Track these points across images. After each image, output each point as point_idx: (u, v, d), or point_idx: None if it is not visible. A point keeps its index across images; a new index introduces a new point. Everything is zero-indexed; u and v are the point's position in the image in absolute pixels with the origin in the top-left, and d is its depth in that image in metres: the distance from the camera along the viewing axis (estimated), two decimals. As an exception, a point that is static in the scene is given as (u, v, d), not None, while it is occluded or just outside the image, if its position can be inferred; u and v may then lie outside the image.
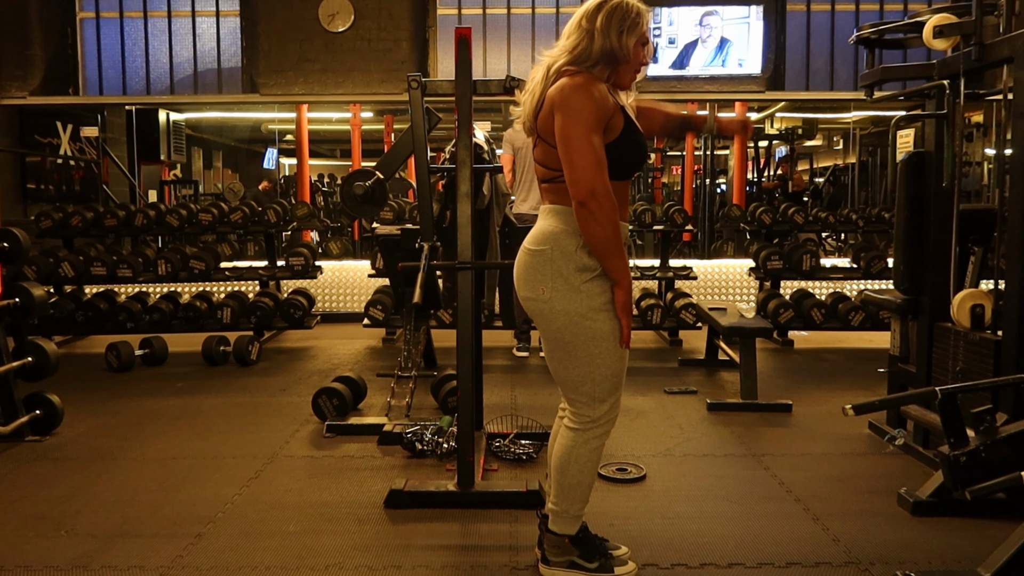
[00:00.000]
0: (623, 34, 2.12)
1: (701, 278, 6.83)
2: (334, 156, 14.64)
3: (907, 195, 3.55)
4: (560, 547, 2.30)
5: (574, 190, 2.06)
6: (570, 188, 2.07)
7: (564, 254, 2.14)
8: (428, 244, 3.20)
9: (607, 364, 2.17)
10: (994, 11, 3.09)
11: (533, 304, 2.19)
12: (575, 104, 2.06)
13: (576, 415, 2.24)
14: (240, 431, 3.86)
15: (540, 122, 2.15)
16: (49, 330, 5.66)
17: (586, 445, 2.23)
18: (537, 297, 2.17)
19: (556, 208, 2.19)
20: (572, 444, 2.24)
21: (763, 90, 7.49)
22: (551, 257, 2.14)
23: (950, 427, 2.32)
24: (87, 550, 2.55)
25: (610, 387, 2.20)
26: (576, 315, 2.13)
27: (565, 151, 2.07)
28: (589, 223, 2.06)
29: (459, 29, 2.97)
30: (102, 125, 8.23)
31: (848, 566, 2.44)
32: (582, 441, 2.23)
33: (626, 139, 2.14)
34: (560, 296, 2.13)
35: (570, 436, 2.24)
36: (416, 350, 4.33)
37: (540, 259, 2.16)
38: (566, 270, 2.13)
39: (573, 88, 2.07)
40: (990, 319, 3.10)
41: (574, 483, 2.26)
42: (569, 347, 2.17)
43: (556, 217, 2.18)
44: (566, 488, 2.26)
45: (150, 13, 7.67)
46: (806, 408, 4.23)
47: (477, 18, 7.52)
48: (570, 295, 2.13)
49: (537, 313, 2.20)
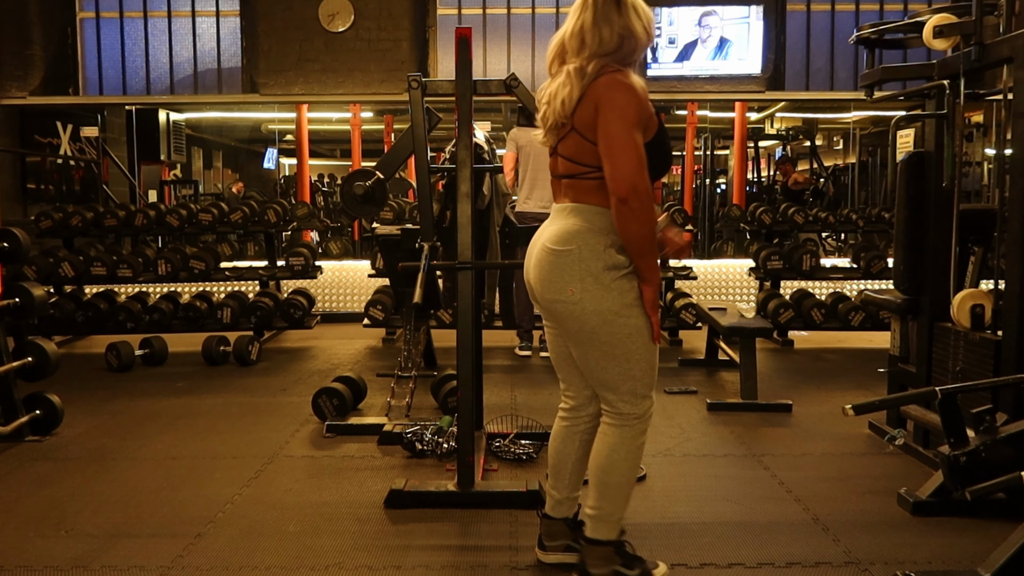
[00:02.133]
0: (646, 28, 2.14)
1: (701, 278, 6.83)
2: (334, 156, 14.63)
3: (907, 195, 3.55)
4: (604, 557, 2.23)
5: (616, 187, 2.03)
6: (611, 185, 2.04)
7: (593, 253, 2.10)
8: (428, 244, 3.20)
9: (645, 359, 2.16)
10: (994, 11, 3.09)
11: (561, 306, 2.13)
12: (621, 101, 2.04)
13: (618, 415, 2.20)
14: (240, 431, 3.86)
15: (578, 116, 2.10)
16: (49, 330, 5.66)
17: (633, 442, 2.20)
18: (566, 299, 2.12)
19: (579, 207, 2.14)
20: (618, 442, 2.19)
21: (763, 90, 7.49)
22: (579, 257, 2.10)
23: (950, 427, 2.33)
24: (87, 550, 2.55)
25: (650, 381, 2.20)
26: (610, 313, 2.10)
27: (609, 148, 2.05)
28: (629, 221, 2.04)
29: (459, 29, 2.97)
30: (102, 125, 8.23)
31: (848, 566, 2.44)
32: (629, 438, 2.19)
33: (659, 141, 2.14)
34: (591, 296, 2.09)
35: (615, 434, 2.19)
36: (416, 350, 4.33)
37: (567, 259, 2.11)
38: (595, 269, 2.10)
39: (621, 85, 2.06)
40: (990, 319, 3.10)
41: (620, 483, 2.21)
42: (606, 346, 2.13)
43: (579, 216, 2.14)
44: (611, 489, 2.21)
45: (150, 13, 7.67)
46: (806, 408, 4.23)
47: (477, 18, 7.52)
48: (602, 294, 2.10)
49: (566, 315, 2.14)
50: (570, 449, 2.35)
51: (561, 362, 2.34)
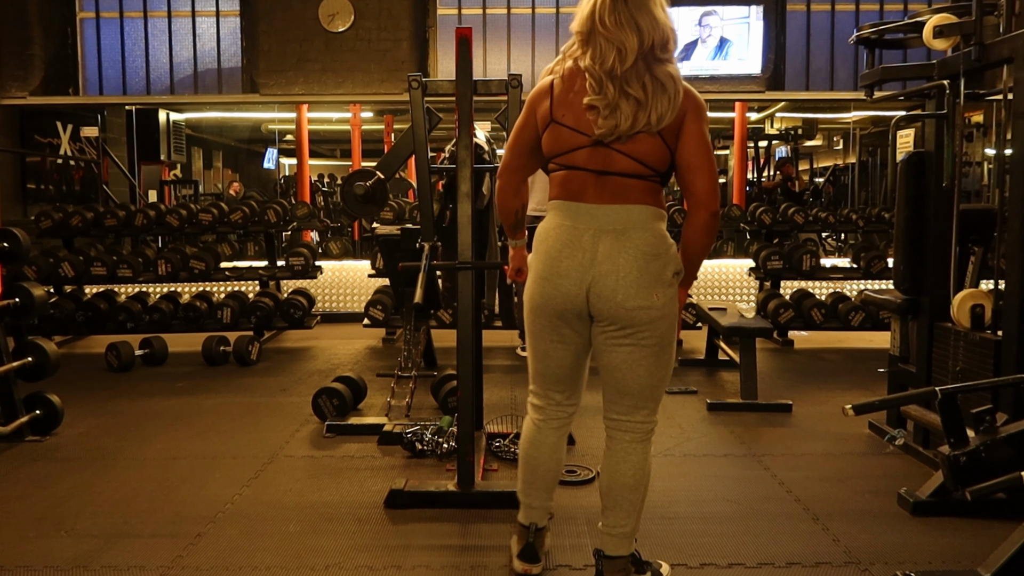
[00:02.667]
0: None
1: (701, 278, 6.83)
2: (334, 156, 14.64)
3: (907, 195, 3.55)
4: (623, 569, 2.22)
5: (711, 200, 2.04)
6: (706, 197, 2.04)
7: (673, 257, 2.10)
8: (428, 244, 3.20)
9: (672, 366, 2.19)
10: (994, 11, 3.09)
11: (644, 313, 2.04)
12: (705, 113, 2.07)
13: (643, 424, 2.17)
14: (240, 431, 3.86)
15: (670, 121, 2.02)
16: (49, 330, 5.66)
17: (649, 452, 2.21)
18: (650, 304, 2.04)
19: (656, 210, 2.09)
20: (644, 459, 2.17)
21: (763, 90, 7.49)
22: (668, 260, 2.07)
23: (950, 427, 2.32)
24: (87, 550, 2.55)
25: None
26: (674, 318, 2.11)
27: (702, 160, 2.03)
28: (711, 234, 2.09)
29: (459, 29, 2.98)
30: (102, 125, 8.23)
31: (848, 566, 2.44)
32: (650, 451, 2.20)
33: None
34: (669, 301, 2.08)
35: (642, 451, 2.17)
36: (416, 350, 4.33)
37: (659, 264, 2.05)
38: (668, 274, 2.08)
39: (698, 95, 2.08)
40: (990, 319, 3.10)
41: (645, 497, 2.20)
42: (664, 353, 2.11)
43: (660, 219, 2.11)
44: (640, 506, 2.18)
45: (150, 13, 7.67)
46: (806, 408, 4.23)
47: (477, 18, 7.52)
48: (672, 299, 2.09)
49: (646, 322, 2.05)
50: (548, 452, 2.28)
51: (572, 372, 2.22)
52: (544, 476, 2.30)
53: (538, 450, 2.28)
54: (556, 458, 2.30)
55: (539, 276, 2.12)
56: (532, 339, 2.21)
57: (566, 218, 2.09)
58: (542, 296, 2.11)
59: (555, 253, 2.09)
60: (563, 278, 2.07)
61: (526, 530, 2.34)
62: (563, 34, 7.43)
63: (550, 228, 2.12)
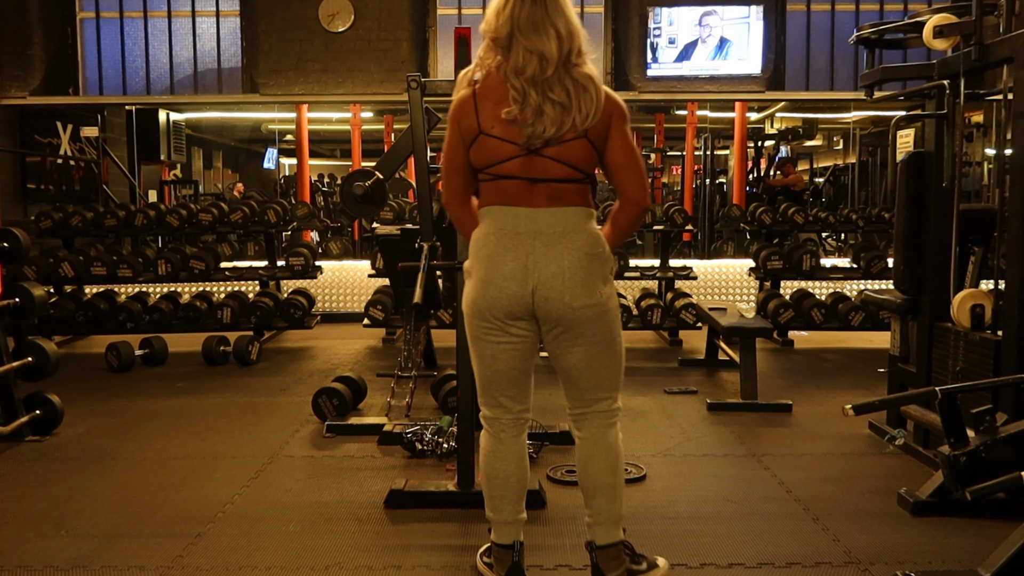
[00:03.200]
0: None
1: (701, 278, 6.82)
2: (334, 156, 14.63)
3: (907, 195, 3.55)
4: (617, 557, 2.23)
5: (640, 196, 2.13)
6: (636, 194, 2.13)
7: (608, 255, 2.17)
8: (428, 244, 3.20)
9: (624, 352, 2.24)
10: (994, 11, 3.09)
11: (590, 311, 2.09)
12: (628, 117, 2.14)
13: (608, 412, 2.22)
14: (240, 431, 3.86)
15: (596, 125, 2.06)
16: (49, 330, 5.66)
17: (620, 436, 2.26)
18: (595, 301, 2.10)
19: (588, 210, 2.14)
20: (617, 440, 2.23)
21: (763, 90, 7.49)
22: (605, 258, 2.15)
23: (950, 427, 2.32)
24: (87, 550, 2.55)
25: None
26: (617, 311, 2.19)
27: (631, 160, 2.11)
28: (637, 224, 2.23)
29: (459, 29, 2.98)
30: (102, 125, 8.23)
31: (848, 566, 2.44)
32: (619, 435, 2.25)
33: None
34: (610, 296, 2.15)
35: (614, 434, 2.22)
36: (416, 350, 4.33)
37: (598, 262, 2.12)
38: (607, 271, 2.16)
39: (618, 97, 2.14)
40: (990, 319, 3.10)
41: (623, 479, 2.26)
42: (613, 343, 2.18)
43: (591, 219, 2.16)
44: (619, 489, 2.23)
45: (150, 13, 7.67)
46: (806, 408, 4.23)
47: (477, 18, 7.51)
48: (612, 294, 2.17)
49: (593, 319, 2.10)
50: (515, 462, 2.25)
51: (521, 375, 2.21)
52: (515, 488, 2.25)
53: (504, 462, 2.24)
54: (523, 466, 2.27)
55: (482, 280, 2.12)
56: (477, 346, 2.19)
57: (504, 223, 2.11)
58: (486, 300, 2.12)
59: (497, 257, 2.10)
60: (508, 281, 2.09)
61: (509, 550, 2.25)
62: (563, 34, 7.43)
63: (489, 233, 2.13)
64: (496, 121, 2.06)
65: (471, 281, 2.16)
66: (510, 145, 2.06)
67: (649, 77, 7.37)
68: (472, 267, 2.16)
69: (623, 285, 6.46)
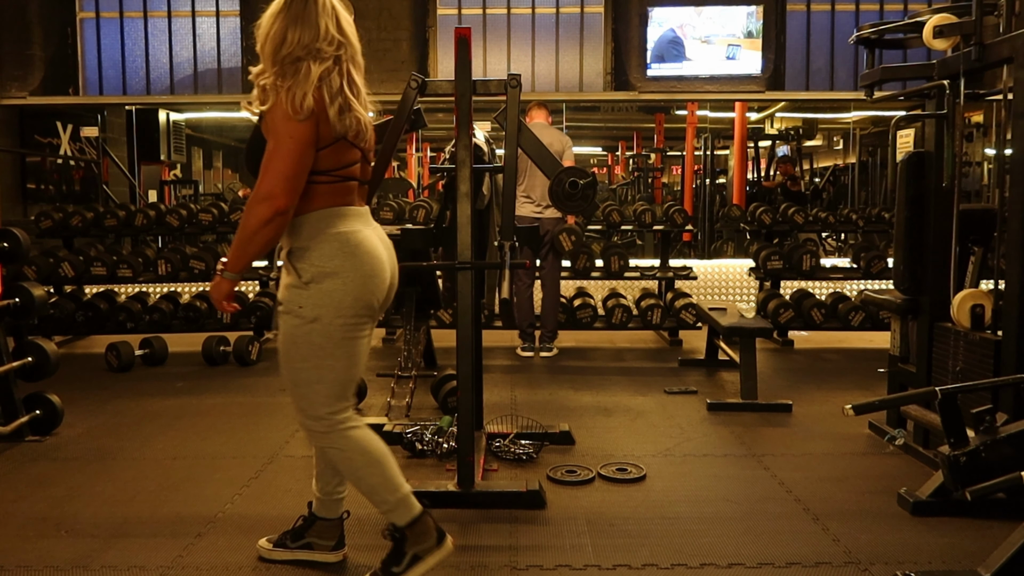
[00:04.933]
0: None
1: (701, 278, 6.82)
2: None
3: (907, 195, 3.55)
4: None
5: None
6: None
7: None
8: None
9: None
10: (994, 11, 3.09)
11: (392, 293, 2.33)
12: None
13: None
14: (240, 431, 3.86)
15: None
16: (49, 330, 5.65)
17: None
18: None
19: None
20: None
21: (763, 90, 7.49)
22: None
23: (950, 427, 2.33)
24: (87, 550, 2.55)
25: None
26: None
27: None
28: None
29: (459, 29, 2.97)
30: (102, 125, 8.23)
31: (848, 566, 2.44)
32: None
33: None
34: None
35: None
36: (416, 350, 4.33)
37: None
38: None
39: None
40: (990, 319, 3.10)
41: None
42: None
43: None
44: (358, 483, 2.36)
45: (150, 13, 7.66)
46: (806, 408, 4.23)
47: (477, 18, 7.52)
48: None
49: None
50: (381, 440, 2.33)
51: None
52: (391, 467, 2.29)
53: (379, 442, 2.28)
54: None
55: (368, 275, 2.17)
56: (351, 344, 2.18)
57: (359, 222, 2.22)
58: (372, 294, 2.18)
59: (375, 251, 2.20)
60: (386, 271, 2.23)
61: (425, 515, 2.27)
62: (563, 34, 7.44)
63: (355, 230, 2.18)
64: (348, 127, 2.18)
65: (351, 279, 2.14)
66: (356, 149, 2.22)
67: (649, 77, 7.36)
68: (350, 266, 2.14)
69: (623, 285, 6.46)
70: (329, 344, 2.15)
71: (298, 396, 2.21)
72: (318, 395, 2.18)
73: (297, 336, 2.15)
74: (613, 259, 5.91)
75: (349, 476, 2.30)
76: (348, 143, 2.17)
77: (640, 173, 12.71)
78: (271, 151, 2.06)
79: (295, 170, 2.06)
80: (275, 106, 2.07)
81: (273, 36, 2.11)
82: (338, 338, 2.15)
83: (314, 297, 2.12)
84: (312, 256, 2.14)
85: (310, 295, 2.13)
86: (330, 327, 2.13)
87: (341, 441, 2.23)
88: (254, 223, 2.05)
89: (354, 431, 2.24)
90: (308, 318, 2.13)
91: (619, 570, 2.42)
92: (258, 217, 2.04)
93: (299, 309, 2.13)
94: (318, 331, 2.13)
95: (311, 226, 2.14)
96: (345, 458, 2.25)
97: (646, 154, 12.52)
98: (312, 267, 2.13)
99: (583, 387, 4.66)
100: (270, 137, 2.08)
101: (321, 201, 2.15)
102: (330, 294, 2.12)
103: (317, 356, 2.15)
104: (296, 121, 2.05)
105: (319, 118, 2.09)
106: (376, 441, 2.27)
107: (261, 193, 2.04)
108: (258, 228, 2.05)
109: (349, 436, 2.23)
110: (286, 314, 2.16)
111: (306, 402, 2.20)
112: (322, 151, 2.12)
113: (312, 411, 2.20)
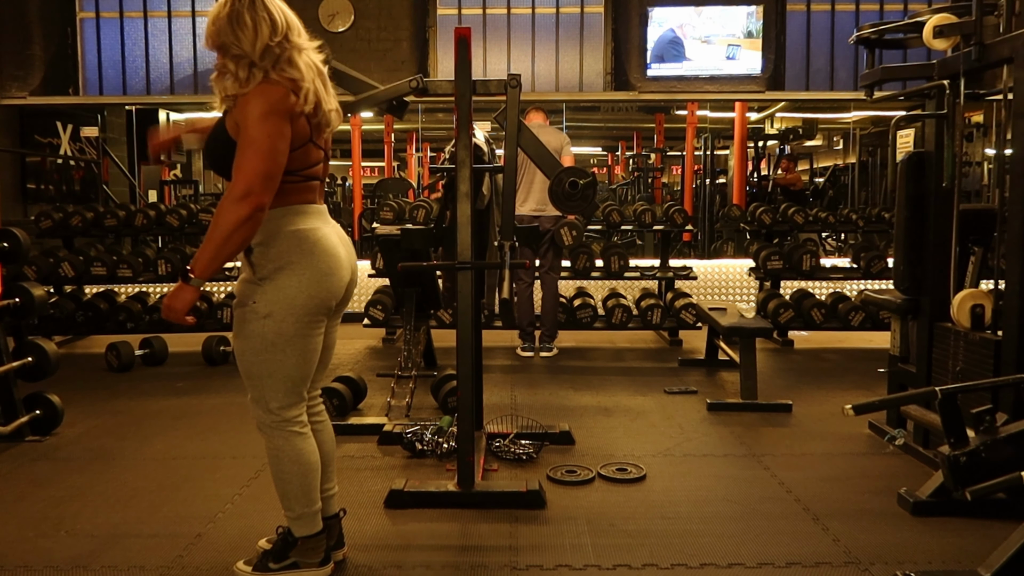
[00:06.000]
0: None
1: (701, 278, 6.83)
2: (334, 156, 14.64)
3: (907, 195, 3.55)
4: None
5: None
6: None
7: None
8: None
9: None
10: (994, 11, 3.09)
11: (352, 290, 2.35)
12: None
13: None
14: (240, 431, 3.85)
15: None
16: (49, 330, 5.65)
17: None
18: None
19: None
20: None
21: (763, 90, 7.49)
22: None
23: (950, 427, 2.33)
24: (87, 550, 2.55)
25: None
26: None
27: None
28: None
29: (459, 29, 2.97)
30: (102, 125, 8.24)
31: (848, 566, 2.44)
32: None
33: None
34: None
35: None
36: (416, 350, 4.33)
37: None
38: None
39: None
40: (990, 319, 3.10)
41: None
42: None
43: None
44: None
45: (150, 13, 7.66)
46: (806, 408, 4.23)
47: (477, 18, 7.52)
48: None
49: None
50: (322, 449, 2.37)
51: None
52: (325, 465, 2.36)
53: (315, 454, 2.29)
54: (325, 441, 2.40)
55: (325, 273, 2.17)
56: (303, 342, 2.17)
57: (319, 219, 2.22)
58: (328, 292, 2.19)
59: (333, 249, 2.21)
60: (343, 270, 2.23)
61: (322, 537, 2.32)
62: (563, 34, 7.44)
63: (314, 227, 2.18)
64: (316, 129, 2.19)
65: (308, 277, 2.14)
66: (320, 150, 2.23)
67: (649, 77, 7.37)
68: (308, 264, 2.14)
69: (623, 285, 6.46)
70: (281, 340, 2.14)
71: (251, 387, 2.23)
72: (269, 389, 2.20)
73: (250, 331, 2.15)
74: (613, 259, 5.91)
75: (273, 474, 2.29)
76: (314, 145, 2.18)
77: (640, 173, 12.70)
78: (245, 149, 2.03)
79: (273, 168, 2.04)
80: (248, 103, 2.05)
81: (241, 29, 2.07)
82: (290, 335, 2.15)
83: (268, 293, 2.13)
84: (269, 252, 2.13)
85: (264, 291, 2.13)
86: (283, 324, 2.13)
87: (281, 441, 2.24)
88: (232, 221, 2.00)
89: (297, 437, 2.25)
90: (261, 313, 2.13)
91: (619, 570, 2.42)
92: (237, 215, 1.99)
93: (252, 304, 2.14)
94: (271, 327, 2.13)
95: (271, 223, 2.12)
96: (278, 458, 2.25)
97: (646, 154, 12.50)
98: (268, 263, 2.13)
99: (583, 387, 4.67)
100: (243, 135, 2.04)
101: (284, 199, 2.14)
102: (284, 290, 2.12)
103: (269, 351, 2.15)
104: (273, 117, 2.04)
105: (293, 114, 2.08)
106: (313, 454, 2.28)
107: (237, 192, 2.00)
108: (237, 226, 2.00)
109: (291, 440, 2.24)
110: (240, 307, 2.16)
111: (258, 393, 2.22)
112: (294, 152, 2.11)
113: (264, 404, 2.22)
